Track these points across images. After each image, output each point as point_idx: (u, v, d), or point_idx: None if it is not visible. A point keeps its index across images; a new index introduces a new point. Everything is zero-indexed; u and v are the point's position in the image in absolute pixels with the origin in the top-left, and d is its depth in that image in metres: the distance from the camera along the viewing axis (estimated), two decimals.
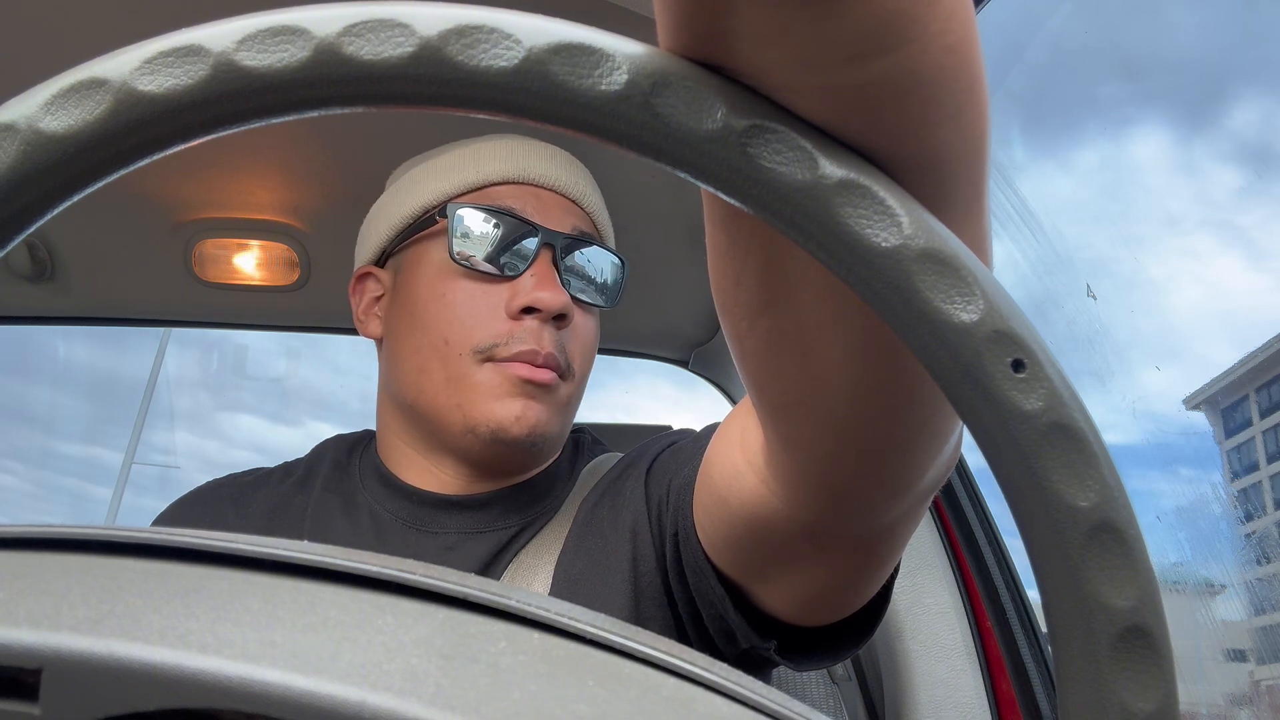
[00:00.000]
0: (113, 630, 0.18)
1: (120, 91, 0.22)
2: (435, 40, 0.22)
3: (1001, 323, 0.23)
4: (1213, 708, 1.47)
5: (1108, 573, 0.22)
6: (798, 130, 0.23)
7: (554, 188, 0.79)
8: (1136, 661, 0.22)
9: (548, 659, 0.20)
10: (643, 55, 0.23)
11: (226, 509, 0.82)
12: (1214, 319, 2.64)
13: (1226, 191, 5.00)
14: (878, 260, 0.23)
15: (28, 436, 42.24)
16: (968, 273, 0.23)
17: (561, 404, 0.77)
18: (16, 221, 0.22)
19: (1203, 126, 7.89)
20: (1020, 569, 1.13)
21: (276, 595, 0.20)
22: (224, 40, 0.22)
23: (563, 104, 0.23)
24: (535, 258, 0.75)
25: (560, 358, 0.75)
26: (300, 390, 40.82)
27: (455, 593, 0.21)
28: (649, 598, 0.70)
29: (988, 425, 0.23)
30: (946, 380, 0.23)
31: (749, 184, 0.23)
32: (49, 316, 1.44)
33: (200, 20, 0.23)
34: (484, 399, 0.73)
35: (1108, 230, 2.20)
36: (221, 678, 0.17)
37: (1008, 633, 1.10)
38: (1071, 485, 0.22)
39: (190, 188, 1.20)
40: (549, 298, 0.73)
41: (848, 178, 0.23)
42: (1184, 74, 4.30)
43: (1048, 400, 0.22)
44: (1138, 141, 5.52)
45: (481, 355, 0.74)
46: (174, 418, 24.96)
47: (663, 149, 0.23)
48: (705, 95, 0.23)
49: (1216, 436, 2.04)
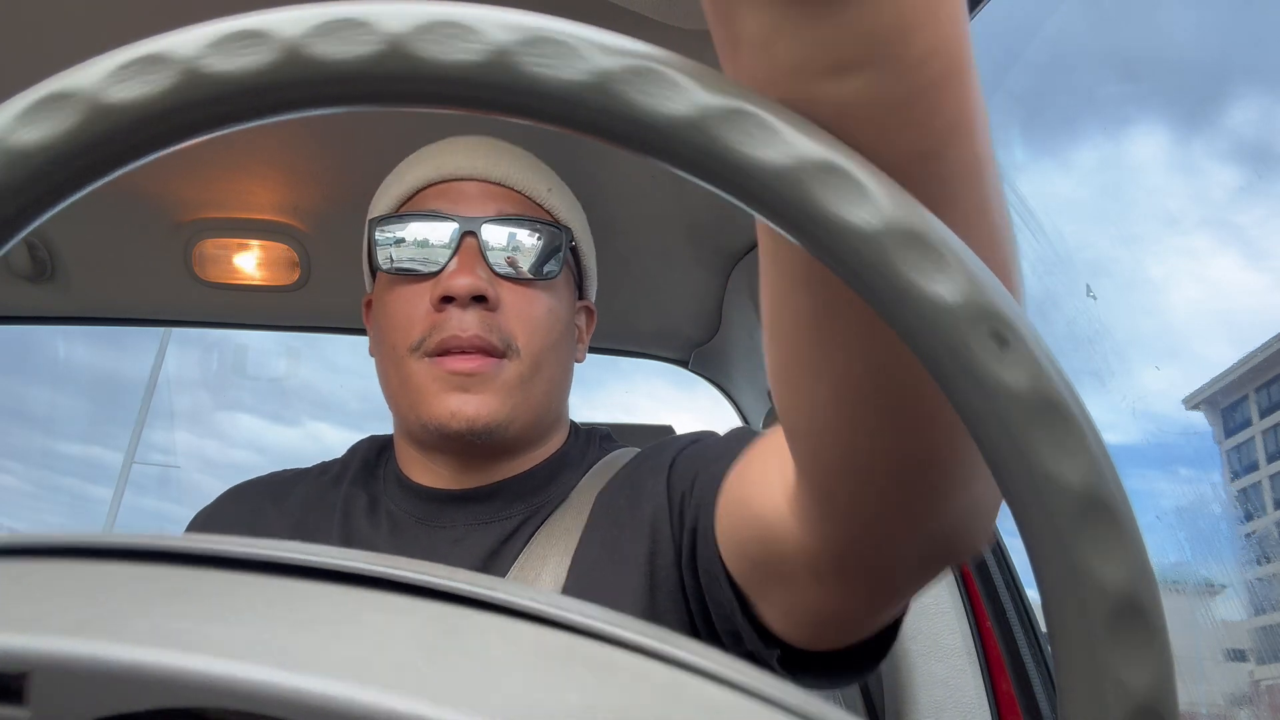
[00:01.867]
0: (99, 633, 0.18)
1: (88, 104, 0.22)
2: (401, 37, 0.22)
3: (983, 298, 0.23)
4: (1213, 708, 1.47)
5: (1099, 549, 0.22)
6: (771, 111, 0.23)
7: (473, 176, 0.81)
8: (1131, 637, 0.22)
9: (538, 650, 0.20)
10: (609, 43, 0.23)
11: (265, 505, 0.85)
12: (1213, 318, 2.64)
13: (1225, 190, 5.01)
14: (856, 241, 0.23)
15: (27, 436, 42.26)
16: (947, 249, 0.23)
17: (510, 385, 0.77)
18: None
19: (1201, 125, 7.91)
20: (1020, 569, 1.13)
21: (264, 594, 0.20)
22: (190, 47, 0.22)
23: (530, 96, 0.23)
24: (458, 248, 0.77)
25: (491, 337, 0.75)
26: (299, 390, 40.71)
27: (444, 587, 0.21)
28: (664, 591, 0.70)
29: (971, 401, 0.23)
30: (929, 357, 0.23)
31: (724, 169, 0.23)
32: (49, 316, 1.44)
33: (177, 24, 0.23)
34: (424, 398, 0.76)
35: (1107, 230, 2.20)
36: (208, 676, 0.17)
37: (1008, 632, 1.10)
38: (1059, 460, 0.22)
39: (190, 187, 1.20)
40: (457, 283, 0.74)
41: (823, 159, 0.23)
42: (1183, 73, 4.31)
43: (1032, 375, 0.22)
44: (1136, 141, 5.53)
45: (416, 351, 0.76)
46: (174, 417, 24.98)
47: (632, 136, 0.23)
48: (675, 79, 0.23)
49: (1216, 436, 2.04)
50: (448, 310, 0.75)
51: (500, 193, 0.81)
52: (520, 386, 0.77)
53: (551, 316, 0.80)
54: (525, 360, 0.77)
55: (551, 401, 0.82)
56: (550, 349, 0.80)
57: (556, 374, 0.82)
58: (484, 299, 0.75)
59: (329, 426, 49.46)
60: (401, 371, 0.77)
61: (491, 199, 0.80)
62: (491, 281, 0.76)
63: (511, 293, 0.78)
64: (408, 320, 0.77)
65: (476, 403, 0.75)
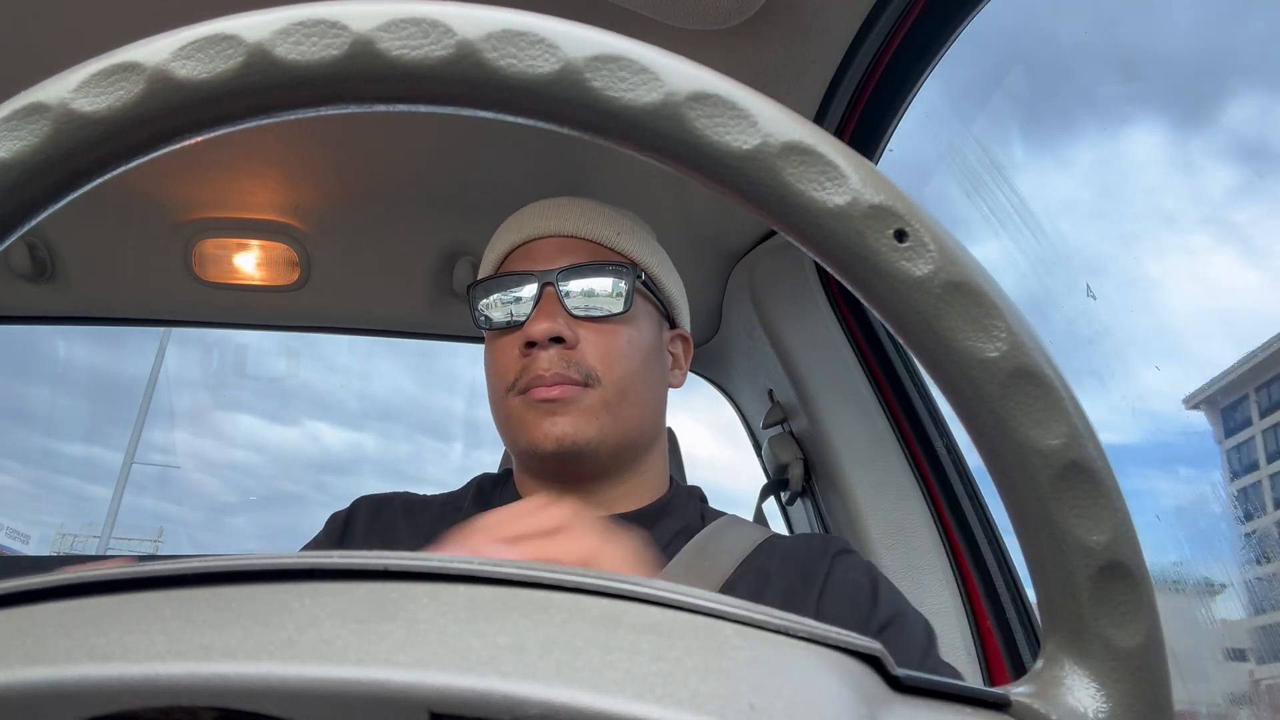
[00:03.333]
0: (19, 661, 0.18)
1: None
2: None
3: (875, 198, 0.23)
4: (1211, 707, 1.47)
5: (1031, 416, 0.23)
6: (641, 50, 0.24)
7: (550, 234, 0.92)
8: (1116, 597, 0.23)
9: (471, 605, 0.20)
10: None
11: (399, 521, 0.94)
12: (1213, 316, 2.64)
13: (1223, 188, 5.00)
14: (740, 162, 0.23)
15: (25, 436, 42.16)
16: (834, 157, 0.23)
17: (594, 409, 0.86)
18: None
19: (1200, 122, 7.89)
20: (1019, 568, 1.13)
21: (191, 603, 0.21)
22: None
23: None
24: (539, 299, 0.88)
25: (571, 372, 0.85)
26: (298, 390, 40.57)
27: (375, 566, 0.22)
28: None
29: (884, 298, 0.23)
30: (838, 264, 0.24)
31: (596, 112, 0.23)
32: (49, 316, 1.44)
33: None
34: (523, 428, 0.86)
35: (1106, 229, 2.20)
36: (126, 679, 0.17)
37: (1007, 632, 1.11)
38: (975, 336, 0.23)
39: (190, 187, 1.20)
40: (535, 329, 0.85)
41: (698, 90, 0.23)
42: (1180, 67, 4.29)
43: (936, 263, 0.23)
44: (1133, 139, 5.49)
45: (511, 391, 0.87)
46: (174, 417, 24.96)
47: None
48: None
49: (1216, 436, 2.04)
50: (533, 353, 0.86)
51: (574, 244, 0.91)
52: (605, 409, 0.86)
53: (631, 346, 0.89)
54: (609, 387, 0.86)
55: (643, 424, 0.90)
56: (633, 375, 0.88)
57: (646, 397, 0.90)
58: (561, 340, 0.85)
59: (328, 426, 49.71)
60: (503, 410, 0.88)
61: (565, 252, 0.91)
62: (569, 324, 0.86)
63: (590, 330, 0.88)
64: (504, 367, 0.88)
65: (564, 424, 0.84)
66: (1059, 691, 0.24)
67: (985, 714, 0.25)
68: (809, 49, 0.96)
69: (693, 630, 0.21)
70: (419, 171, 1.19)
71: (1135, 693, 0.24)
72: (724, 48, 0.94)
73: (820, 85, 1.01)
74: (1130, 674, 0.23)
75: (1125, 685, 0.24)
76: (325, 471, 48.07)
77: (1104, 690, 0.24)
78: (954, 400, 0.24)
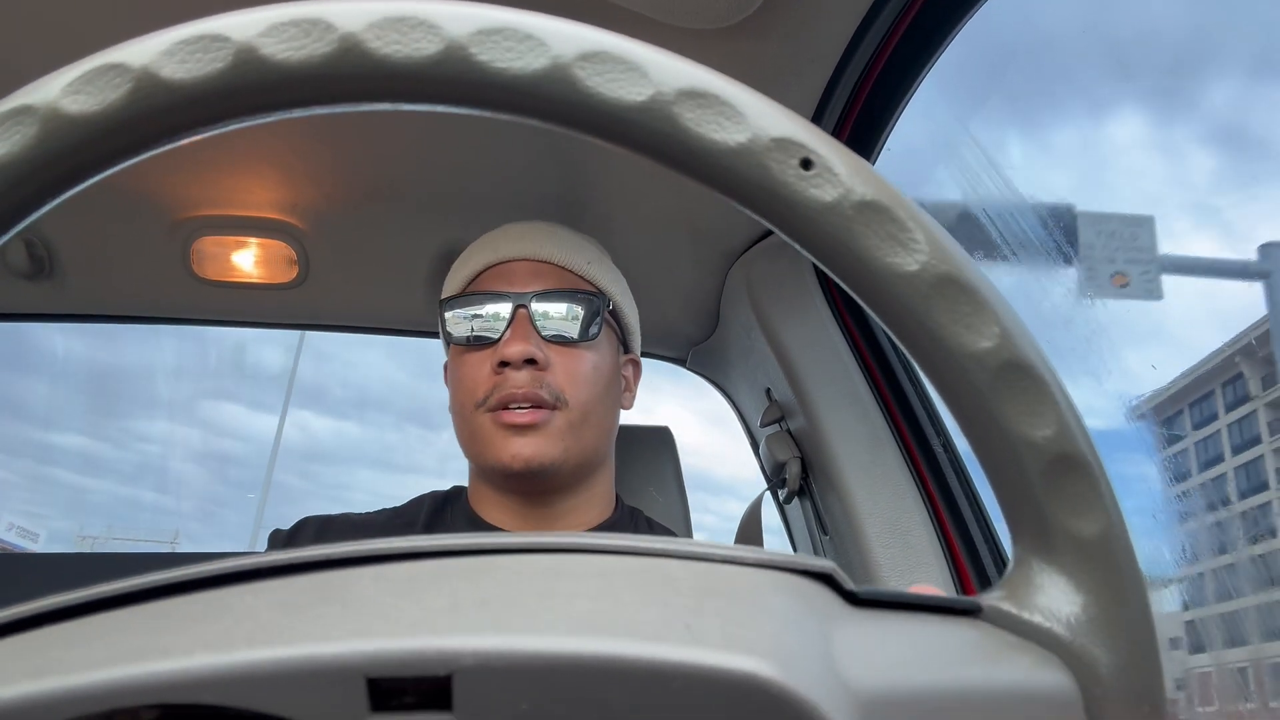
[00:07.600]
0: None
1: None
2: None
3: (775, 130, 0.23)
4: None
5: (961, 321, 0.23)
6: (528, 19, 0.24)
7: (524, 257, 0.96)
8: (1071, 488, 0.23)
9: (410, 579, 0.21)
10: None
11: (347, 538, 0.95)
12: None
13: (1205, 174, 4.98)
14: (633, 113, 0.23)
15: (16, 428, 42.18)
16: (728, 96, 0.23)
17: (560, 430, 0.90)
18: None
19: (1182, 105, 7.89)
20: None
21: (136, 615, 0.21)
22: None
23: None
24: (512, 320, 0.92)
25: (542, 392, 0.89)
26: (281, 378, 40.77)
27: (312, 559, 0.22)
28: None
29: (797, 227, 0.23)
30: (749, 202, 0.24)
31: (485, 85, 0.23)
32: (47, 314, 1.44)
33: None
34: (490, 446, 0.90)
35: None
36: (60, 690, 0.18)
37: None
38: (894, 252, 0.23)
39: (189, 185, 1.20)
40: (511, 350, 0.89)
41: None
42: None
43: (843, 187, 0.23)
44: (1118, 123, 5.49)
45: (481, 407, 0.90)
46: (167, 407, 24.89)
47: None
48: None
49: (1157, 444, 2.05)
50: (505, 372, 0.89)
51: (547, 269, 0.95)
52: (570, 431, 0.90)
53: (596, 372, 0.94)
54: (574, 409, 0.90)
55: (600, 444, 0.95)
56: (596, 399, 0.93)
57: (605, 420, 0.95)
58: (534, 361, 0.89)
59: (312, 414, 49.90)
60: (471, 425, 0.92)
61: (539, 276, 0.94)
62: (541, 346, 0.90)
63: (559, 354, 0.91)
64: (474, 382, 0.91)
65: (533, 445, 0.88)
66: (1030, 591, 0.25)
67: (954, 623, 0.25)
68: (807, 48, 0.96)
69: (638, 570, 0.21)
70: (418, 170, 1.19)
71: (1105, 580, 0.24)
72: (722, 46, 0.94)
73: (818, 84, 1.01)
74: (1098, 563, 0.24)
75: (1094, 576, 0.24)
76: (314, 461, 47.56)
77: (1073, 582, 0.24)
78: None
